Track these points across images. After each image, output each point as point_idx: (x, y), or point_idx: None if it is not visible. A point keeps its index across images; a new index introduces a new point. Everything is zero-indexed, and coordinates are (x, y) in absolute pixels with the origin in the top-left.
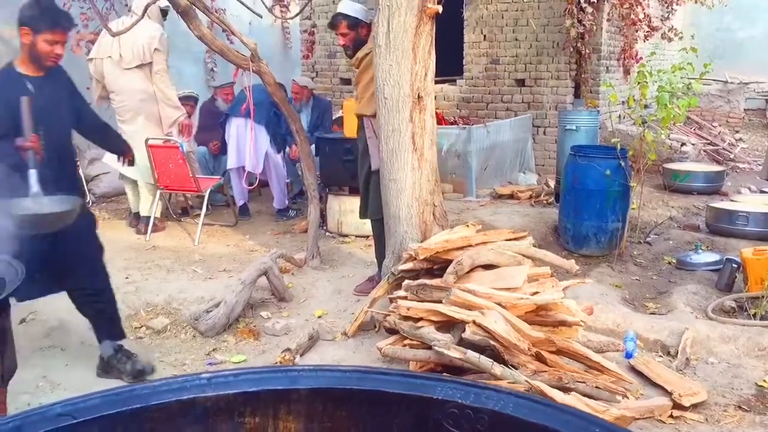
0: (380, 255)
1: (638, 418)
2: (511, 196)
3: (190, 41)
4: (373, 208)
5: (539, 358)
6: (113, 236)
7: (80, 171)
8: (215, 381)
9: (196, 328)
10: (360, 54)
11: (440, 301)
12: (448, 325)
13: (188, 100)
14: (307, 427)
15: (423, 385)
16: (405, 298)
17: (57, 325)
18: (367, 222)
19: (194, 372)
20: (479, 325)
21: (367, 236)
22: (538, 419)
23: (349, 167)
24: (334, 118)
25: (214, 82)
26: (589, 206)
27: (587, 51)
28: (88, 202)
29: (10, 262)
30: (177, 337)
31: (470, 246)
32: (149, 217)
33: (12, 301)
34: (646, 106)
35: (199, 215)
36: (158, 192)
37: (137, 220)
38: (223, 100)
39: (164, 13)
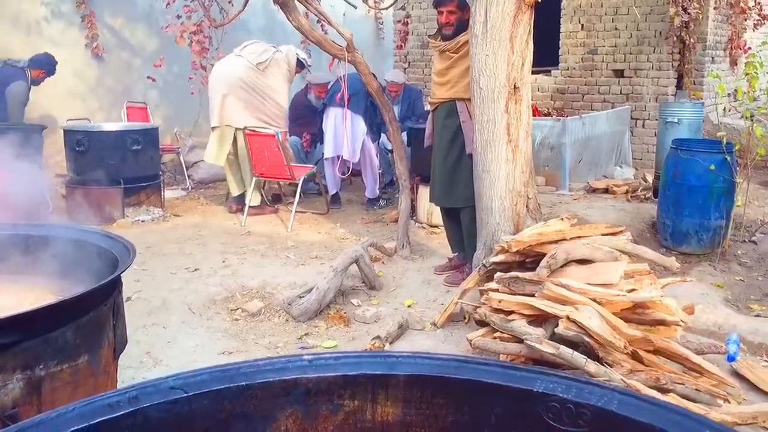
0: (469, 244)
1: (740, 424)
2: (606, 191)
3: (286, 32)
4: (466, 195)
5: (635, 357)
6: (211, 221)
7: (181, 158)
8: (316, 363)
9: (288, 313)
10: (462, 38)
11: (532, 295)
12: (539, 319)
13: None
14: (404, 413)
15: (523, 378)
16: (496, 290)
17: (160, 305)
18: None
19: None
20: (573, 321)
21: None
22: (644, 418)
23: None
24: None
25: (308, 74)
26: (690, 202)
27: (692, 41)
28: (188, 187)
29: (123, 243)
30: (270, 321)
31: (564, 240)
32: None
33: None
34: (754, 99)
35: (291, 203)
36: (254, 179)
37: (237, 204)
38: (315, 96)
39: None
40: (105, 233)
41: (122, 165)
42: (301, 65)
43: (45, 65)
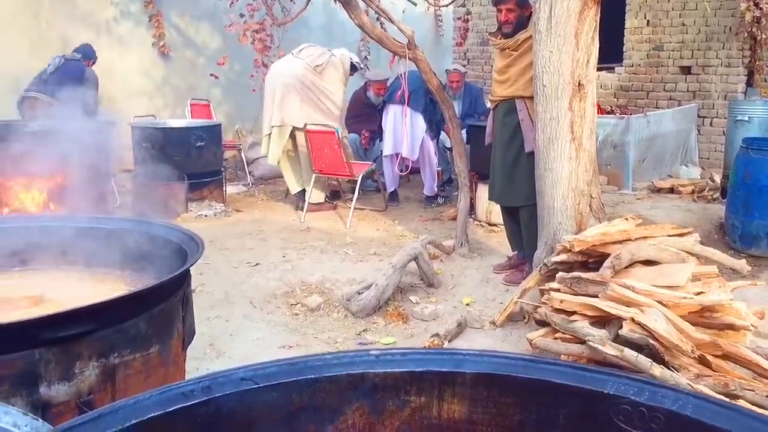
0: (529, 243)
1: None
2: (672, 190)
3: (345, 30)
4: (526, 193)
5: (703, 361)
6: (271, 216)
7: (242, 154)
8: (383, 358)
9: (347, 308)
10: (522, 36)
11: (595, 296)
12: (602, 320)
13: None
14: (471, 411)
15: (593, 379)
16: (558, 290)
17: (222, 298)
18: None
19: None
20: (638, 323)
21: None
22: (720, 423)
23: None
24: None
25: (368, 71)
26: (761, 203)
27: (763, 36)
28: (248, 183)
29: (191, 236)
30: (330, 316)
31: (629, 240)
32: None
33: None
34: None
35: (349, 199)
36: (313, 176)
37: (300, 201)
38: (374, 94)
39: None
40: (175, 227)
41: (186, 161)
42: (354, 68)
43: (91, 55)
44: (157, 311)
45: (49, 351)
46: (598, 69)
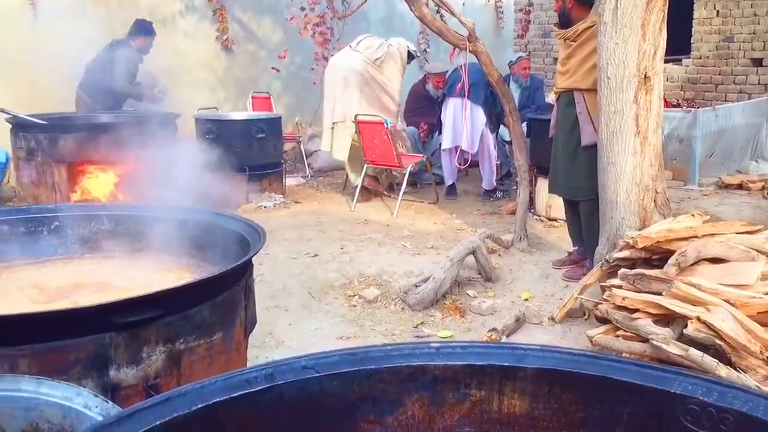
0: (588, 238)
1: None
2: (740, 186)
3: (405, 23)
4: (585, 187)
5: None
6: (329, 208)
7: (301, 146)
8: (443, 351)
9: (404, 301)
10: (580, 26)
11: (659, 294)
12: (665, 319)
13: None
14: (532, 406)
15: (660, 378)
16: (620, 287)
17: (282, 288)
18: None
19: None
20: (704, 322)
21: None
22: None
23: None
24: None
25: (427, 64)
26: None
27: None
28: (307, 175)
29: (254, 227)
30: (387, 308)
31: (695, 237)
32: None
33: None
34: None
35: (407, 192)
36: (365, 166)
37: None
38: (433, 87)
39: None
40: (238, 217)
41: (247, 152)
42: (410, 57)
43: (143, 31)
44: (220, 299)
45: (119, 335)
46: (665, 61)
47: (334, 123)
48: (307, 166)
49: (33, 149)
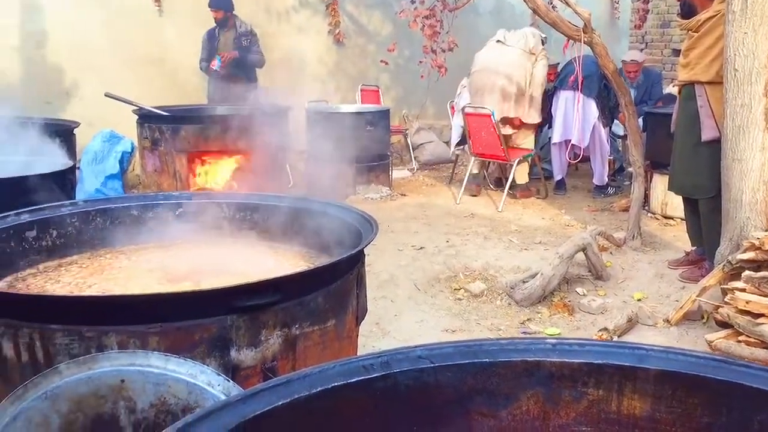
0: (708, 238)
1: None
2: None
3: (515, 14)
4: (706, 185)
5: None
6: (435, 201)
7: (408, 139)
8: (560, 348)
9: (511, 296)
10: (703, 16)
11: None
12: None
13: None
14: (653, 409)
15: None
16: (743, 290)
17: (388, 279)
18: None
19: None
20: None
21: None
22: None
23: None
24: (664, 93)
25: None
26: None
27: None
28: (413, 168)
29: (366, 218)
30: (492, 303)
31: None
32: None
33: None
34: None
35: (512, 186)
36: (472, 159)
37: (476, 185)
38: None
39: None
40: (351, 208)
41: (356, 145)
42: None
43: (221, 3)
44: (333, 287)
45: (240, 318)
46: None
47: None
48: (413, 159)
49: (157, 139)
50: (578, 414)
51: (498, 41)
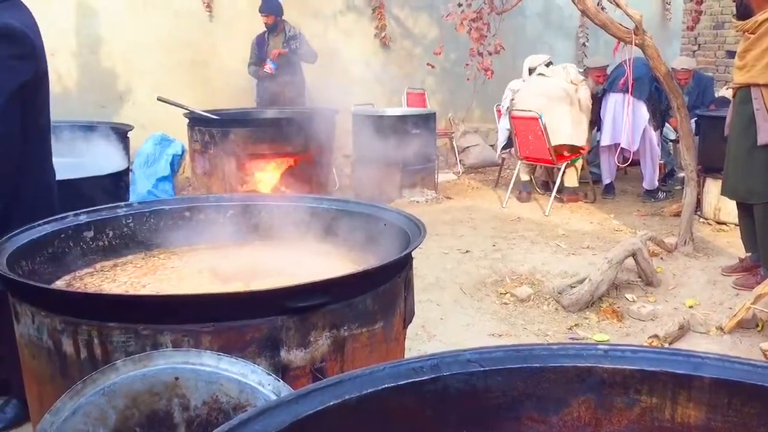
0: (763, 244)
1: None
2: None
3: (563, 17)
4: (762, 190)
5: None
6: (481, 205)
7: (453, 142)
8: (612, 354)
9: (558, 302)
10: (760, 17)
11: None
12: None
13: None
14: (708, 418)
15: None
16: None
17: (434, 282)
18: None
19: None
20: None
21: None
22: None
23: None
24: (716, 96)
25: (586, 59)
26: None
27: None
28: (459, 171)
29: (414, 221)
30: (539, 308)
31: None
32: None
33: None
34: None
35: (559, 190)
36: (519, 163)
37: (526, 191)
38: (593, 82)
39: None
40: (399, 211)
41: (402, 148)
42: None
43: (272, 8)
44: (382, 290)
45: (290, 319)
46: None
47: None
48: (459, 162)
49: (207, 143)
50: (630, 421)
51: (540, 74)
